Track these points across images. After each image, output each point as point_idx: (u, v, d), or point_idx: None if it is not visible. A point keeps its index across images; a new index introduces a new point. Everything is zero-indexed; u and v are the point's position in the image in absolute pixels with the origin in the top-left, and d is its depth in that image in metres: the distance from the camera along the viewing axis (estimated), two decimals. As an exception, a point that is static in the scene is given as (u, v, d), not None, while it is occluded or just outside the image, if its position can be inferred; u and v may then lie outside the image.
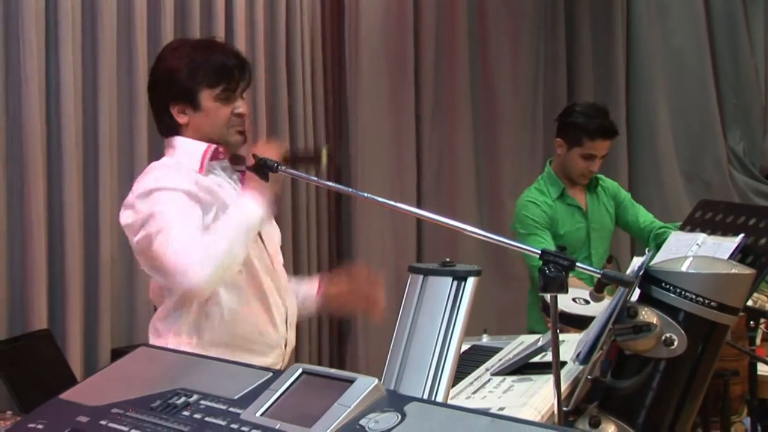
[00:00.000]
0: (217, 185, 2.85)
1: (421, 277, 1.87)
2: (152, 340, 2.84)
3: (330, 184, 2.80)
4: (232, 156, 2.91)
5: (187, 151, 2.85)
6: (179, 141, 2.88)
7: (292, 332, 3.00)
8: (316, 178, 2.68)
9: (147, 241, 2.71)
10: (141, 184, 2.81)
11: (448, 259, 1.88)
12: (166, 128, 2.92)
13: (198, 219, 2.72)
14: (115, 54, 4.45)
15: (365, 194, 2.56)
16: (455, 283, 1.84)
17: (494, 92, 6.74)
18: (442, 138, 6.41)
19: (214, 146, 2.85)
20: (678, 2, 7.53)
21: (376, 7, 5.93)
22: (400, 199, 2.37)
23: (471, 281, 1.84)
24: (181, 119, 2.87)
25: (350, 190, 2.73)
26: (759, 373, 3.61)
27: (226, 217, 2.73)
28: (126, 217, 2.81)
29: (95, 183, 4.36)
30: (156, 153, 4.54)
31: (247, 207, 2.75)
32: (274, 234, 3.01)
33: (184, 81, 2.84)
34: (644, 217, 4.60)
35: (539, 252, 2.05)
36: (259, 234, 2.89)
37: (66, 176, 4.21)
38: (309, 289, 3.15)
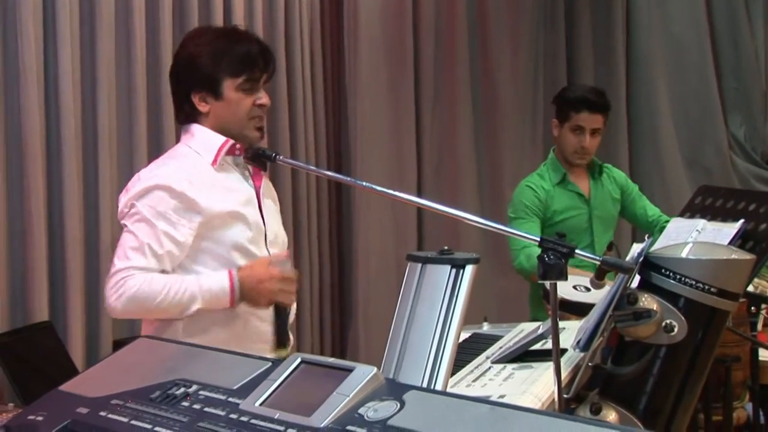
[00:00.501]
0: (226, 186, 2.84)
1: (419, 265, 1.87)
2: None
3: (330, 173, 2.80)
4: (247, 149, 2.88)
5: (204, 141, 2.84)
6: (197, 129, 2.87)
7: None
8: (314, 168, 2.68)
9: (121, 230, 2.78)
10: (149, 173, 2.83)
11: (446, 248, 1.88)
12: (186, 115, 2.91)
13: (169, 247, 2.72)
14: (113, 46, 4.44)
15: (363, 183, 2.56)
16: (454, 271, 1.84)
17: (494, 84, 6.73)
18: (443, 131, 6.40)
19: (231, 142, 2.84)
20: (677, -11, 7.51)
21: (375, 2, 5.91)
22: (401, 189, 2.39)
23: (469, 269, 1.83)
24: (202, 107, 2.85)
25: (348, 179, 2.73)
26: (760, 358, 3.62)
27: (186, 284, 2.72)
28: (121, 200, 2.84)
29: (95, 175, 4.35)
30: (155, 144, 4.60)
31: (216, 288, 2.73)
32: (279, 236, 3.00)
33: (207, 69, 2.83)
34: (652, 210, 4.61)
35: (538, 239, 2.05)
36: (265, 237, 2.90)
37: (65, 168, 4.21)
38: None
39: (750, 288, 3.47)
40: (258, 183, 2.94)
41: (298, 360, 1.71)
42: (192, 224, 2.75)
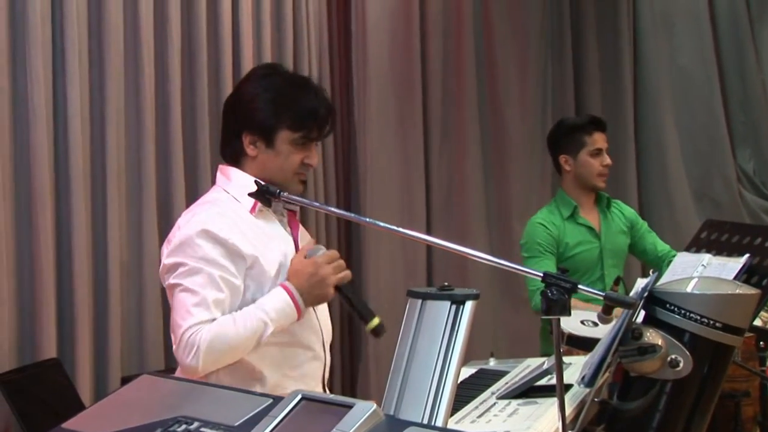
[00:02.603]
0: (266, 232, 2.77)
1: (419, 301, 1.87)
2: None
3: (334, 210, 2.79)
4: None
5: (242, 188, 2.74)
6: (236, 175, 2.80)
7: (328, 355, 2.93)
8: (318, 204, 2.67)
9: (171, 290, 2.69)
10: (189, 222, 2.74)
11: (446, 284, 1.87)
12: (231, 152, 2.83)
13: (224, 291, 2.65)
14: (122, 84, 4.45)
15: (367, 219, 2.56)
16: (453, 306, 1.84)
17: (502, 116, 6.73)
18: (451, 163, 6.40)
19: None
20: (684, 20, 7.51)
21: (383, 33, 5.93)
22: (410, 224, 2.38)
23: (469, 305, 1.83)
24: (251, 151, 2.78)
25: (353, 215, 2.72)
26: (770, 393, 3.60)
27: (252, 312, 2.65)
28: (164, 253, 2.76)
29: (103, 212, 4.36)
30: (163, 182, 4.60)
31: (279, 305, 2.66)
32: None
33: (265, 115, 2.76)
34: (661, 246, 4.63)
35: (541, 275, 2.05)
36: None
37: (74, 206, 4.21)
38: None
39: (758, 323, 3.45)
40: (295, 231, 2.90)
41: (299, 397, 1.71)
42: (239, 269, 2.67)
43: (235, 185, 2.79)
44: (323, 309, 2.90)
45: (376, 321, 2.68)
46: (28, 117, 4.09)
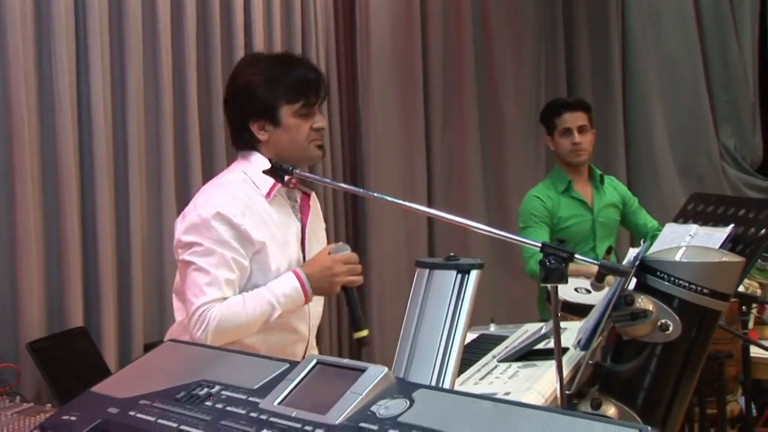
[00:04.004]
0: (276, 220, 2.76)
1: (427, 270, 1.86)
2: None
3: (344, 186, 2.78)
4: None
5: (261, 172, 2.70)
6: (257, 159, 2.78)
7: (314, 335, 2.94)
8: (329, 180, 2.66)
9: (185, 266, 2.69)
10: (206, 203, 2.72)
11: (452, 254, 1.87)
12: (245, 143, 2.80)
13: (236, 272, 2.65)
14: (141, 72, 4.44)
15: (375, 194, 2.54)
16: (459, 275, 1.83)
17: (499, 102, 6.73)
18: (451, 146, 6.40)
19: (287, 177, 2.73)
20: (670, 9, 7.50)
21: (386, 24, 5.91)
22: (412, 203, 2.35)
23: (474, 274, 1.82)
24: (262, 136, 2.77)
25: (362, 190, 2.71)
26: (752, 355, 3.60)
27: (262, 294, 2.66)
28: (179, 230, 2.74)
29: (125, 190, 4.36)
30: (181, 160, 4.60)
31: (288, 290, 2.67)
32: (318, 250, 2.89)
33: (264, 97, 2.74)
34: (651, 222, 4.65)
35: (540, 245, 2.04)
36: (302, 250, 2.84)
37: (98, 184, 4.21)
38: None
39: (741, 288, 3.45)
40: (305, 218, 2.88)
41: (314, 361, 1.71)
42: (248, 252, 2.68)
43: (254, 168, 2.76)
44: (317, 297, 2.89)
45: (365, 332, 2.70)
46: (53, 104, 4.08)
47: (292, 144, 2.77)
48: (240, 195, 2.73)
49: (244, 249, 2.67)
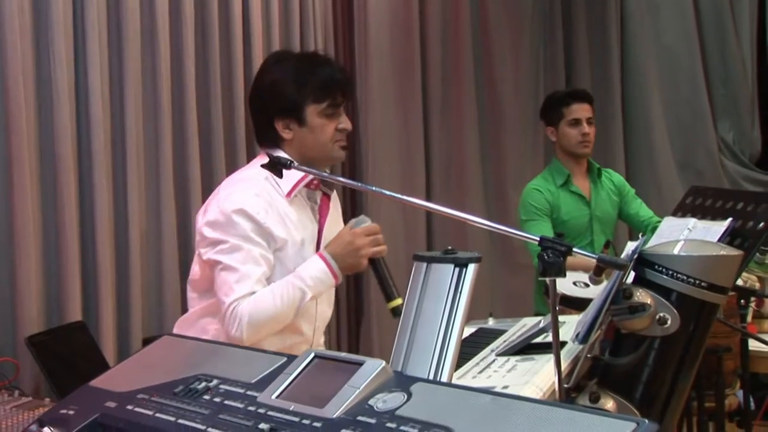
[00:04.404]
0: (295, 220, 2.75)
1: (424, 264, 1.86)
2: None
3: (342, 179, 2.75)
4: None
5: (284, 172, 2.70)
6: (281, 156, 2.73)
7: (320, 336, 2.94)
8: (327, 174, 2.65)
9: (213, 265, 2.69)
10: (228, 199, 2.71)
11: (450, 247, 1.86)
12: (269, 141, 2.79)
13: (263, 266, 2.66)
14: (139, 63, 4.44)
15: (373, 188, 2.54)
16: (457, 269, 1.82)
17: (497, 94, 6.74)
18: (450, 138, 6.40)
19: (310, 177, 2.74)
20: (668, 2, 7.51)
21: (384, 16, 5.91)
22: (410, 196, 2.34)
23: (472, 267, 1.82)
24: (286, 134, 2.76)
25: (360, 185, 2.71)
26: (750, 348, 3.61)
27: (290, 281, 2.66)
28: (201, 224, 2.74)
29: (123, 185, 4.36)
30: (180, 157, 4.60)
31: (315, 273, 2.66)
32: None
33: (290, 95, 2.73)
34: (645, 212, 4.64)
35: (538, 239, 2.03)
36: (317, 247, 2.82)
37: (96, 178, 4.21)
38: None
39: (739, 282, 3.44)
40: (323, 220, 2.87)
41: (312, 355, 1.71)
42: (271, 248, 2.68)
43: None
44: (326, 297, 2.89)
45: (398, 301, 2.64)
46: (51, 97, 4.08)
47: (316, 144, 2.77)
48: (262, 192, 2.72)
49: (268, 245, 2.68)
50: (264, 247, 2.67)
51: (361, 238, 2.69)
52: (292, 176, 2.70)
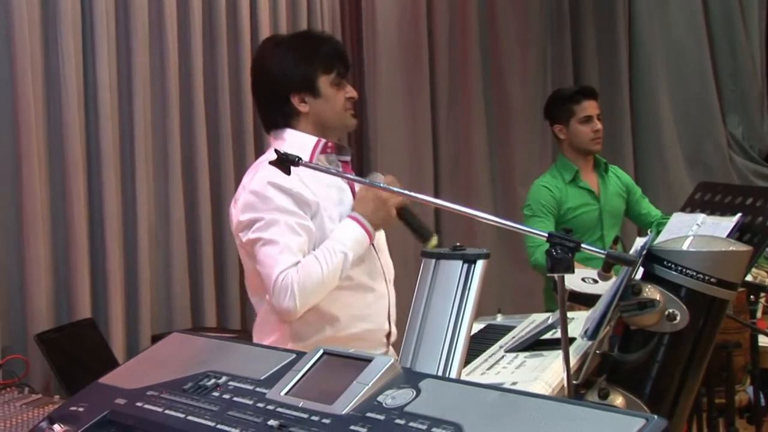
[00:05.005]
0: (324, 182, 2.76)
1: (433, 261, 1.86)
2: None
3: (350, 176, 2.76)
4: (337, 146, 2.87)
5: (297, 144, 2.73)
6: (290, 134, 2.81)
7: (393, 325, 2.93)
8: (335, 171, 2.65)
9: (252, 244, 2.69)
10: (254, 180, 2.73)
11: (458, 244, 1.86)
12: (282, 119, 2.83)
13: (303, 235, 2.66)
14: (147, 57, 4.45)
15: (381, 184, 2.55)
16: (465, 265, 1.82)
17: (505, 89, 6.72)
18: (457, 132, 6.40)
19: (323, 141, 2.80)
20: (677, -4, 7.50)
21: (391, 9, 5.92)
22: (419, 190, 2.35)
23: (480, 263, 1.82)
24: (303, 108, 2.81)
25: (367, 181, 2.70)
26: (760, 344, 3.60)
27: (330, 246, 2.67)
28: (236, 213, 2.75)
29: (132, 180, 4.36)
30: (188, 152, 4.60)
31: (352, 234, 2.69)
32: (380, 236, 2.93)
33: (303, 69, 2.79)
34: (654, 211, 4.63)
35: (546, 235, 2.03)
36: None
37: (105, 174, 4.22)
38: None
39: (749, 278, 3.44)
40: (351, 181, 2.89)
41: (321, 351, 1.71)
42: (307, 215, 2.69)
43: (289, 144, 2.77)
44: (384, 249, 2.95)
45: (434, 240, 2.71)
46: (60, 91, 4.09)
47: (332, 113, 2.84)
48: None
49: (304, 211, 2.69)
50: (300, 215, 2.68)
51: (381, 192, 2.74)
52: (306, 145, 2.76)
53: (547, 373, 2.24)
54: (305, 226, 2.68)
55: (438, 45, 6.25)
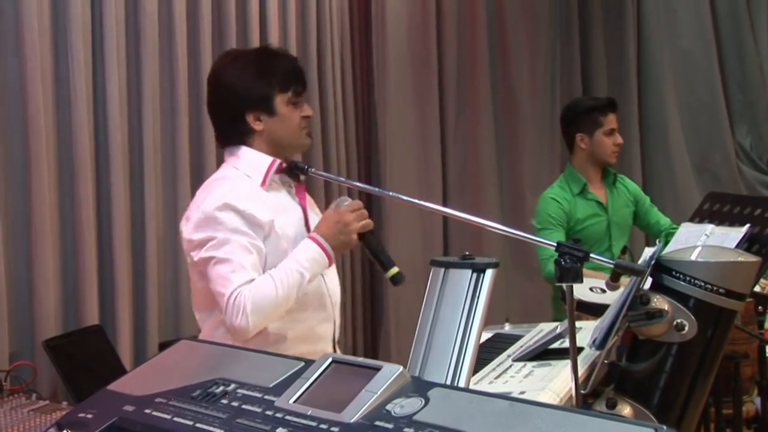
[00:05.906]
0: (277, 203, 2.77)
1: (442, 270, 1.86)
2: None
3: (359, 184, 2.78)
4: (290, 164, 2.83)
5: (251, 163, 2.76)
6: (244, 152, 2.80)
7: (338, 315, 2.93)
8: (344, 179, 2.67)
9: (205, 263, 2.68)
10: (207, 199, 2.72)
11: (467, 253, 1.87)
12: (237, 137, 2.81)
13: (255, 254, 2.66)
14: (157, 63, 4.47)
15: (390, 193, 2.56)
16: (475, 275, 1.83)
17: (514, 94, 6.73)
18: (466, 138, 6.40)
19: (278, 161, 2.77)
20: (685, 5, 7.50)
21: (401, 16, 5.93)
22: (427, 197, 2.38)
23: (489, 273, 1.82)
24: (258, 126, 2.78)
25: (377, 189, 2.71)
26: (768, 355, 3.59)
27: (286, 265, 2.65)
28: (188, 231, 2.75)
29: (141, 188, 4.37)
30: (196, 158, 4.61)
31: (309, 254, 2.67)
32: None
33: (259, 87, 2.77)
34: (663, 220, 4.62)
35: (555, 244, 2.04)
36: (306, 224, 2.83)
37: (113, 182, 4.23)
38: None
39: (757, 288, 3.44)
40: (303, 201, 2.89)
41: (330, 360, 1.71)
42: (259, 236, 2.68)
43: (244, 162, 2.78)
44: (332, 273, 2.90)
45: (394, 270, 2.68)
46: (69, 97, 4.11)
47: (286, 132, 2.81)
48: (238, 185, 2.74)
49: (255, 233, 2.68)
50: (252, 236, 2.67)
51: (347, 215, 2.71)
52: (261, 165, 2.75)
53: (555, 382, 2.24)
54: (257, 246, 2.67)
55: (447, 52, 6.26)
